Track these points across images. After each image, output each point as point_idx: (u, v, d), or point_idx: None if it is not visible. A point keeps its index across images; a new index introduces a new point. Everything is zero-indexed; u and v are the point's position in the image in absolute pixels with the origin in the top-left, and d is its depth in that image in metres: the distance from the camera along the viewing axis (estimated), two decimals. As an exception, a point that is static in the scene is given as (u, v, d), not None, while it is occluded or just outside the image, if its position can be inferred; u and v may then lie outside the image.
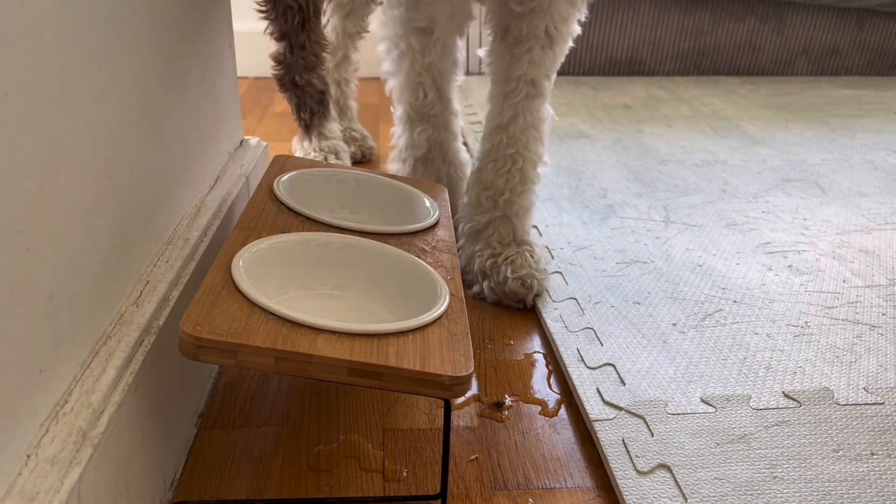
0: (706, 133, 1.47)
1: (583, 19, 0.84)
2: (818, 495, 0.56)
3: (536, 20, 0.80)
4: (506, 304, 0.84)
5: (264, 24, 1.08)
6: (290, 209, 0.67)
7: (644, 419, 0.63)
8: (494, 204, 0.85)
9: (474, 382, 0.71)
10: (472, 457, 0.61)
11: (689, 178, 1.22)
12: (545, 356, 0.75)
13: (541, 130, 0.85)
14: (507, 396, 0.69)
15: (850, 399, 0.67)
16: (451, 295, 0.58)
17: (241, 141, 0.93)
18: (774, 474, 0.58)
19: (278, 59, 1.12)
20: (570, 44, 0.84)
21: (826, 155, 1.35)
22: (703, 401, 0.66)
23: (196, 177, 0.73)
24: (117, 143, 0.52)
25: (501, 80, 0.84)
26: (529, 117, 0.83)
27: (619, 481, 0.57)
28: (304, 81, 1.12)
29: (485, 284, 0.84)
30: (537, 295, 0.83)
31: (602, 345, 0.74)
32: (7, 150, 0.37)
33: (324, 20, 1.12)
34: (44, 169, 0.41)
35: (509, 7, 0.81)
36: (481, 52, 0.88)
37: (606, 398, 0.66)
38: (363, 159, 1.30)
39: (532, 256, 0.84)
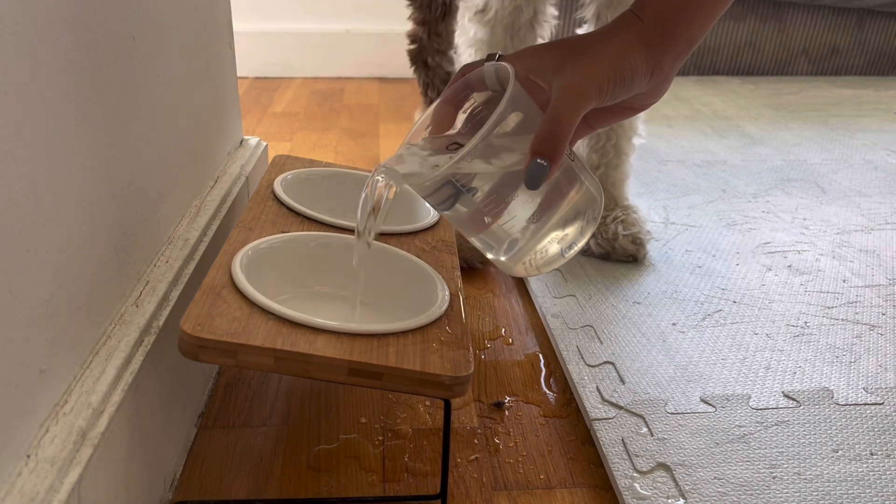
0: (706, 133, 1.47)
1: None
2: (818, 495, 0.56)
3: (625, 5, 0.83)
4: (614, 258, 0.89)
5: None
6: (290, 209, 0.67)
7: (644, 418, 0.63)
8: None
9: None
10: (472, 457, 0.61)
11: (688, 178, 1.22)
12: (545, 356, 0.75)
13: None
14: (507, 396, 0.69)
15: (850, 399, 0.67)
16: (451, 295, 0.58)
17: (241, 141, 0.93)
18: (774, 474, 0.58)
19: (414, 38, 1.19)
20: None
21: (826, 155, 1.35)
22: (702, 400, 0.66)
23: (196, 177, 0.73)
24: (117, 143, 0.52)
25: None
26: None
27: (618, 481, 0.57)
28: (434, 63, 1.18)
29: (592, 241, 0.89)
30: (644, 255, 0.90)
31: (602, 343, 0.74)
32: (6, 150, 0.37)
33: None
34: (43, 169, 0.41)
35: None
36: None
37: (606, 396, 0.66)
38: None
39: (639, 218, 0.91)
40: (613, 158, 0.88)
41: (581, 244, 0.53)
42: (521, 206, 0.51)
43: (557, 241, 0.52)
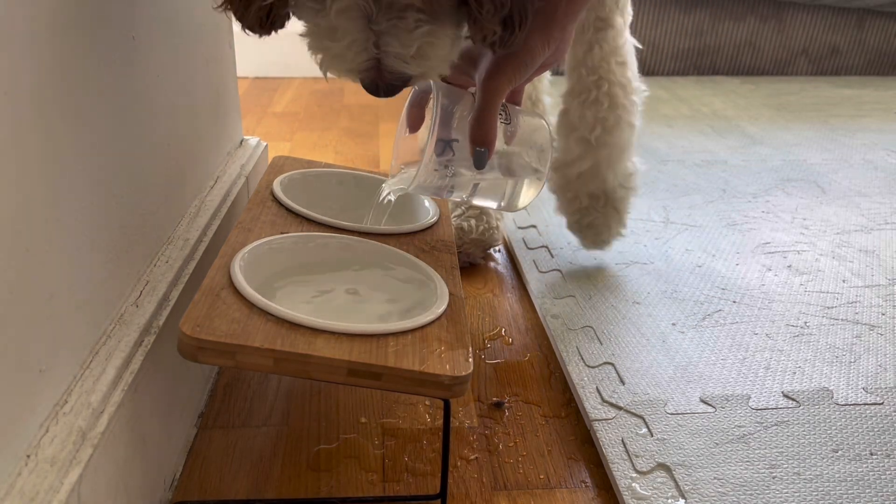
0: (706, 133, 1.47)
1: None
2: (817, 495, 0.56)
3: None
4: (581, 244, 0.91)
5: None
6: (289, 210, 0.67)
7: (643, 419, 0.63)
8: (587, 145, 0.81)
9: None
10: (472, 457, 0.61)
11: (689, 178, 1.22)
12: (545, 356, 0.75)
13: (623, 55, 0.80)
14: (506, 396, 0.69)
15: (850, 399, 0.67)
16: (451, 294, 0.58)
17: (241, 141, 0.93)
18: (773, 474, 0.58)
19: None
20: None
21: (826, 155, 1.35)
22: (702, 401, 0.66)
23: (196, 177, 0.73)
24: (116, 143, 0.52)
25: None
26: (606, 46, 0.79)
27: (618, 481, 0.57)
28: None
29: (572, 226, 0.90)
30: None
31: (602, 343, 0.74)
32: (6, 150, 0.37)
33: None
34: (43, 169, 0.41)
35: None
36: None
37: (606, 397, 0.66)
38: None
39: (618, 216, 0.88)
40: (608, 112, 0.81)
41: (548, 164, 0.65)
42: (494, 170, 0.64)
43: (533, 173, 0.64)
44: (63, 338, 0.44)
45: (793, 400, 0.66)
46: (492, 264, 0.94)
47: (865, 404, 0.66)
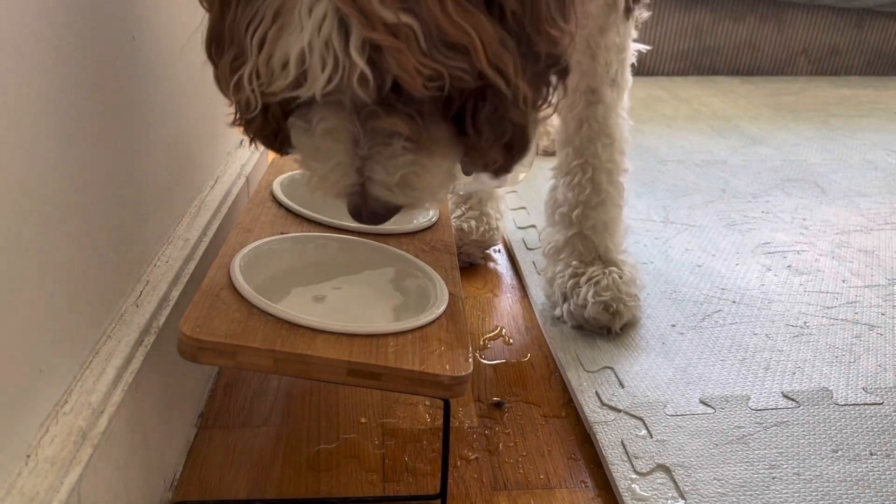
0: (706, 133, 1.47)
1: (627, 29, 0.76)
2: (817, 495, 0.56)
3: None
4: (588, 329, 0.77)
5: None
6: (289, 210, 0.67)
7: (643, 420, 0.63)
8: (570, 221, 0.79)
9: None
10: (473, 457, 0.61)
11: (688, 178, 1.22)
12: (545, 356, 0.75)
13: (613, 137, 0.78)
14: (507, 396, 0.69)
15: (849, 399, 0.67)
16: (451, 295, 0.58)
17: (241, 141, 0.93)
18: (773, 475, 0.58)
19: None
20: (630, 48, 0.77)
21: (826, 155, 1.35)
22: (701, 402, 0.66)
23: (196, 177, 0.73)
24: (116, 143, 0.52)
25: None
26: (595, 125, 0.77)
27: (618, 482, 0.57)
28: None
29: (564, 307, 0.78)
30: (628, 323, 0.77)
31: (600, 347, 0.74)
32: (7, 150, 0.37)
33: None
34: (43, 169, 0.41)
35: None
36: None
37: (605, 400, 0.66)
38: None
39: (620, 277, 0.77)
40: (592, 196, 0.78)
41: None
42: None
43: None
44: (63, 338, 0.44)
45: (792, 400, 0.66)
46: (491, 264, 0.94)
47: (865, 404, 0.66)
